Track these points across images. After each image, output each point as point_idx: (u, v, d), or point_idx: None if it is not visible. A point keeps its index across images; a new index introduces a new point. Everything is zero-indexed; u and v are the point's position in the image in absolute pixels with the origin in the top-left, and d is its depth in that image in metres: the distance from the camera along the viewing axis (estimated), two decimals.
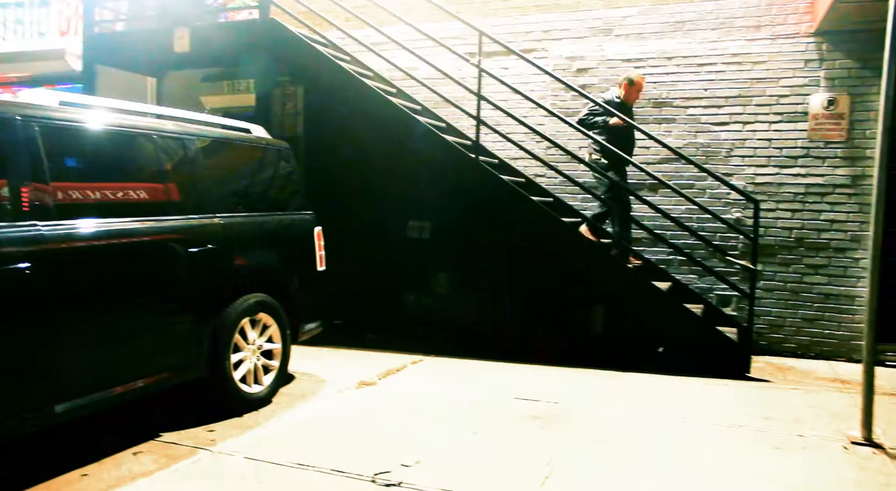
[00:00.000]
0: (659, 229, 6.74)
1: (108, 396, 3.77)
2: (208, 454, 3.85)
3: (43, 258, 3.38)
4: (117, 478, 3.52)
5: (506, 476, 3.60)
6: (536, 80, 7.61)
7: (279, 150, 5.40)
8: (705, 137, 7.02)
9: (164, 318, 4.13)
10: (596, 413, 4.70)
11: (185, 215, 4.31)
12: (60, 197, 3.57)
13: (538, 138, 7.08)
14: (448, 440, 4.12)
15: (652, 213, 6.61)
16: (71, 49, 9.29)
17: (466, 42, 7.73)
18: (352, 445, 4.01)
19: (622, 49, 7.35)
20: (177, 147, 4.43)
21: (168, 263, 4.19)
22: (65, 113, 3.79)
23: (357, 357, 6.24)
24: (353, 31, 7.48)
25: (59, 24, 9.94)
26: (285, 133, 7.37)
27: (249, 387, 4.63)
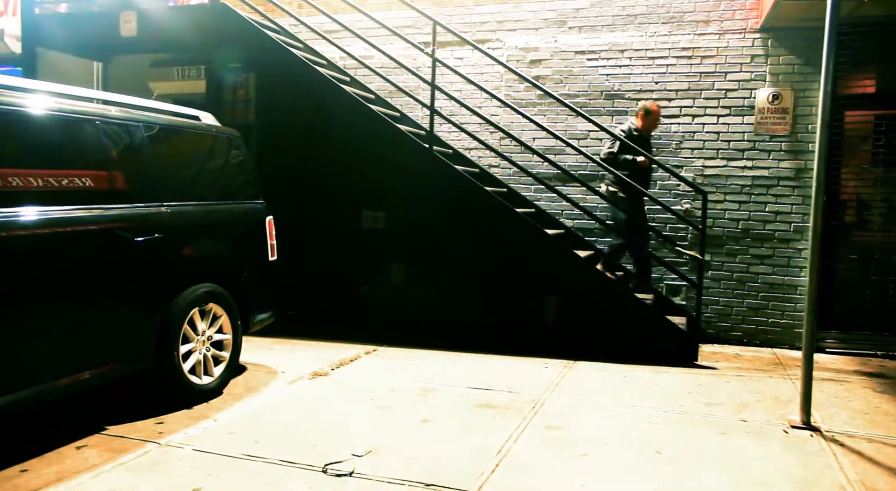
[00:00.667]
0: (611, 220, 6.85)
1: (52, 388, 3.68)
2: (156, 447, 3.78)
3: None
4: (57, 473, 3.43)
5: (457, 464, 3.63)
6: (491, 71, 7.63)
7: (229, 137, 5.31)
8: (656, 130, 7.13)
9: (110, 308, 4.03)
10: (548, 401, 4.77)
11: (131, 204, 4.21)
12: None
13: (492, 129, 7.11)
14: (401, 429, 4.13)
15: (604, 204, 6.71)
16: (10, 30, 8.92)
17: (421, 31, 7.71)
18: (304, 435, 3.99)
19: (575, 41, 7.41)
20: (122, 134, 4.31)
21: (114, 252, 4.08)
22: (1, 96, 3.65)
23: (310, 348, 6.19)
24: (306, 19, 7.38)
25: None
26: (237, 121, 7.23)
27: (199, 378, 4.56)
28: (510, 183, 7.41)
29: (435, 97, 6.68)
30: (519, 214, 6.41)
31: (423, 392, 4.91)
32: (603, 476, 3.54)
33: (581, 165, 7.13)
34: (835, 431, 4.29)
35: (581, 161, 7.01)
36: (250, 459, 3.63)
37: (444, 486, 3.37)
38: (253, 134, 7.46)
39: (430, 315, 7.04)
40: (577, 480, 3.47)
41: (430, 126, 6.66)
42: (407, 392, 4.90)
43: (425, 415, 4.42)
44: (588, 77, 7.37)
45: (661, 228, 6.95)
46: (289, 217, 5.91)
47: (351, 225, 7.55)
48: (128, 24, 7.29)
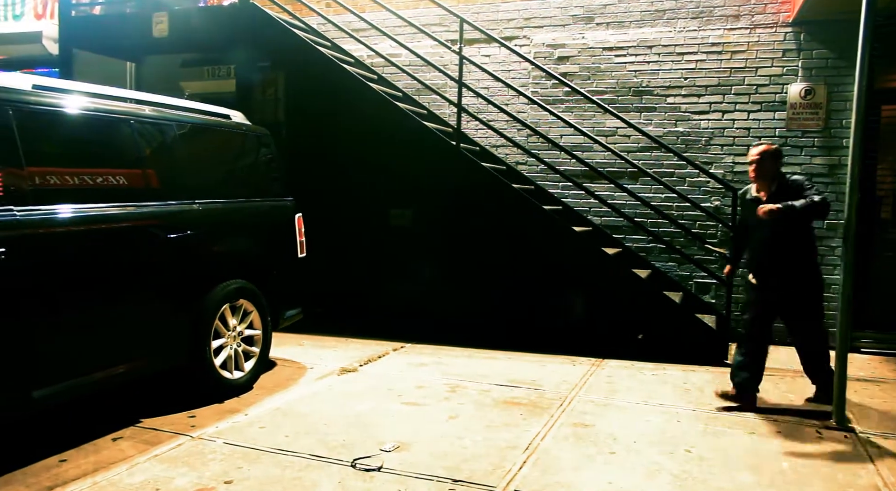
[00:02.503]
0: (639, 217, 6.80)
1: (88, 381, 3.76)
2: (188, 440, 3.85)
3: (18, 243, 3.35)
4: (95, 463, 3.51)
5: (484, 461, 3.64)
6: (518, 68, 7.61)
7: (259, 136, 5.37)
8: (685, 126, 7.06)
9: (143, 304, 4.11)
10: (575, 399, 4.75)
11: (163, 201, 4.28)
12: (37, 182, 3.53)
13: (519, 126, 7.10)
14: (428, 426, 4.15)
15: (632, 201, 6.66)
16: (48, 32, 9.14)
17: (448, 29, 7.72)
18: (332, 430, 4.03)
19: (603, 37, 7.36)
20: (155, 132, 4.40)
21: (147, 248, 4.16)
22: (39, 97, 3.74)
23: (338, 344, 6.24)
24: (333, 17, 7.43)
25: (35, 7, 9.76)
26: (266, 119, 7.31)
27: (230, 373, 4.63)
28: (537, 180, 7.39)
29: (462, 95, 6.69)
30: (546, 211, 6.39)
31: (450, 389, 4.93)
32: (631, 474, 3.52)
33: (609, 162, 7.08)
34: (870, 433, 4.21)
35: (609, 158, 6.97)
36: (280, 453, 3.68)
37: (472, 482, 3.38)
38: (282, 132, 7.53)
39: (457, 312, 7.05)
40: (605, 478, 3.46)
41: (458, 123, 6.67)
42: (434, 389, 4.92)
43: (452, 411, 4.43)
44: (616, 73, 7.31)
45: (691, 226, 6.87)
46: (317, 215, 5.96)
47: (378, 222, 7.59)
48: (159, 24, 7.41)
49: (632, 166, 6.57)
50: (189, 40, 7.39)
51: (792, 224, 4.44)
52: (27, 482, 3.28)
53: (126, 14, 7.92)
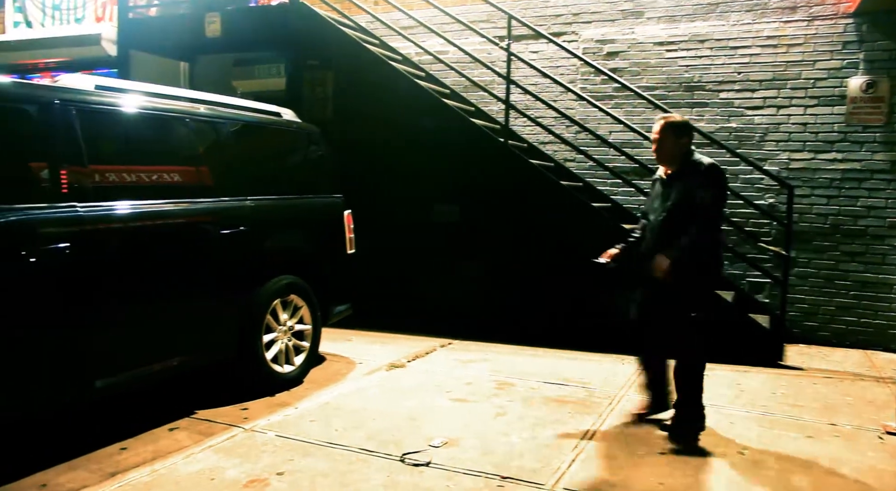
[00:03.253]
0: None
1: (146, 372, 3.87)
2: (241, 432, 3.92)
3: (81, 238, 3.46)
4: (153, 452, 3.61)
5: (533, 458, 3.62)
6: (566, 64, 7.56)
7: (309, 133, 5.44)
8: (738, 122, 6.91)
9: (197, 298, 4.21)
10: (624, 398, 4.70)
11: (217, 198, 4.37)
12: (97, 179, 3.64)
13: (568, 122, 7.05)
14: (476, 422, 4.15)
15: None
16: (106, 34, 9.43)
17: (496, 26, 7.70)
18: (381, 425, 4.06)
19: (653, 32, 7.25)
20: (209, 130, 4.49)
21: (201, 244, 4.25)
22: (101, 97, 3.86)
23: (386, 340, 6.29)
24: (381, 15, 7.50)
25: (95, 10, 10.08)
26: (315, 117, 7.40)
27: (281, 367, 4.70)
28: (586, 177, 7.32)
29: (510, 91, 6.67)
30: (594, 208, 6.33)
31: (498, 385, 4.92)
32: (683, 475, 3.46)
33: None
34: None
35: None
36: (330, 446, 3.72)
37: (521, 479, 3.37)
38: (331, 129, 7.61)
39: (503, 309, 7.03)
40: (657, 479, 3.41)
41: (506, 120, 6.65)
42: (482, 385, 4.92)
43: (500, 408, 4.43)
44: (666, 68, 7.20)
45: (743, 224, 6.72)
46: (364, 211, 6.01)
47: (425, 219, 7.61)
48: (212, 24, 7.57)
49: None
50: (240, 40, 7.54)
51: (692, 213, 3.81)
52: (91, 468, 3.39)
53: (180, 15, 8.12)
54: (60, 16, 10.40)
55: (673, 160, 3.98)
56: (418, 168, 6.97)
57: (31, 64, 10.24)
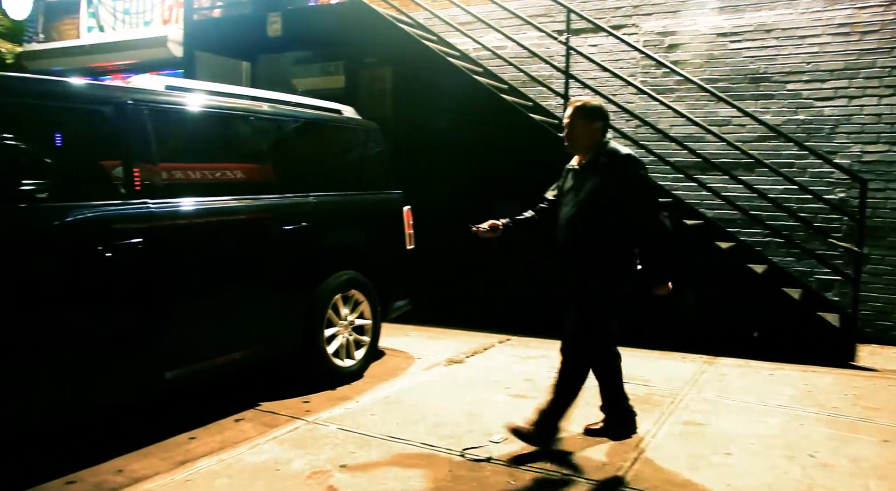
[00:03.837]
0: (755, 210, 6.49)
1: (211, 365, 3.98)
2: (304, 424, 4.00)
3: (153, 234, 3.58)
4: (221, 442, 3.72)
5: (594, 455, 3.59)
6: (626, 57, 7.43)
7: (369, 130, 5.50)
8: (806, 113, 6.68)
9: (261, 292, 4.30)
10: (687, 396, 4.61)
11: (280, 194, 4.46)
12: (167, 176, 3.76)
13: (628, 117, 6.93)
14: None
15: (747, 193, 6.37)
16: (172, 36, 9.72)
17: (554, 20, 7.63)
18: (441, 420, 4.08)
19: (717, 23, 7.06)
20: (273, 128, 4.59)
21: (265, 239, 4.35)
22: (171, 97, 3.98)
23: (445, 335, 6.32)
24: (439, 12, 7.51)
25: (162, 13, 10.41)
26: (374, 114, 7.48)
27: (342, 361, 4.77)
28: None
29: (569, 86, 6.60)
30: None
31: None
32: (749, 477, 3.37)
33: (722, 153, 6.80)
34: None
35: (722, 148, 6.69)
36: (391, 440, 3.77)
37: (583, 476, 3.34)
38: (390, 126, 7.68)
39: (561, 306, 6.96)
40: (721, 480, 3.33)
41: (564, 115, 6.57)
42: (541, 381, 4.89)
43: None
44: (730, 60, 7.01)
45: (812, 219, 6.50)
46: (424, 208, 6.04)
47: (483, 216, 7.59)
48: (273, 24, 7.72)
49: (747, 157, 6.27)
50: (301, 38, 7.67)
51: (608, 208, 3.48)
52: (162, 456, 3.52)
53: (243, 16, 8.31)
54: (130, 20, 10.78)
55: (585, 148, 3.61)
56: (476, 164, 6.96)
57: (102, 67, 10.66)
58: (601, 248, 3.52)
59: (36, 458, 3.50)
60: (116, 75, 10.39)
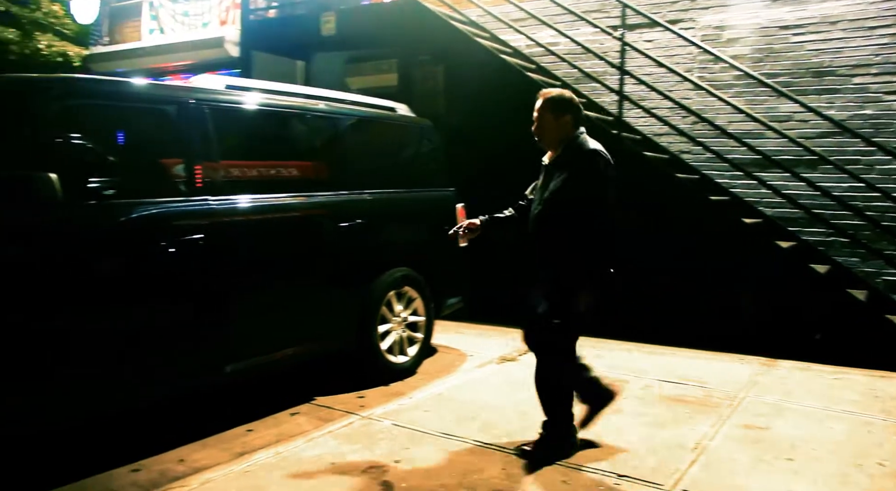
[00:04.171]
0: (817, 209, 6.29)
1: (269, 360, 4.06)
2: (358, 419, 4.04)
3: (213, 230, 3.67)
4: (277, 435, 3.78)
5: (650, 457, 3.53)
6: (682, 52, 7.29)
7: (422, 127, 5.52)
8: (874, 108, 6.43)
9: (316, 288, 4.36)
10: (746, 399, 4.49)
11: (336, 191, 4.52)
12: (227, 174, 3.84)
13: (684, 113, 6.80)
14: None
15: (810, 190, 6.18)
16: (229, 37, 9.94)
17: (608, 15, 7.53)
18: (494, 417, 4.08)
19: (778, 15, 6.86)
20: (329, 126, 4.65)
21: (320, 236, 4.41)
22: (231, 96, 4.07)
23: (497, 333, 6.30)
24: (492, 9, 7.48)
25: (220, 15, 10.65)
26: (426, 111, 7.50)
27: (395, 357, 4.80)
28: (703, 169, 7.04)
29: (624, 82, 6.50)
30: (712, 202, 6.09)
31: (612, 382, 4.81)
32: (813, 484, 3.27)
33: (783, 149, 6.60)
34: None
35: (783, 145, 6.49)
36: (444, 437, 3.78)
37: (638, 478, 3.29)
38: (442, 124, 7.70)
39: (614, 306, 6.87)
40: (785, 486, 3.24)
41: (619, 112, 6.50)
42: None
43: (615, 405, 4.30)
44: (792, 54, 6.80)
45: (879, 218, 6.25)
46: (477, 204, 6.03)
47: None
48: (327, 24, 7.81)
49: (810, 153, 6.08)
50: (354, 37, 7.74)
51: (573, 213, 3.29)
52: (221, 447, 3.60)
53: (298, 15, 8.43)
54: (188, 21, 11.05)
55: (554, 143, 3.45)
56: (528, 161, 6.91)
57: (162, 67, 10.96)
58: (567, 247, 3.31)
59: (104, 446, 3.62)
60: (175, 76, 10.68)
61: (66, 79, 3.51)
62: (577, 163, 3.33)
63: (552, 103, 3.44)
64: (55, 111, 3.17)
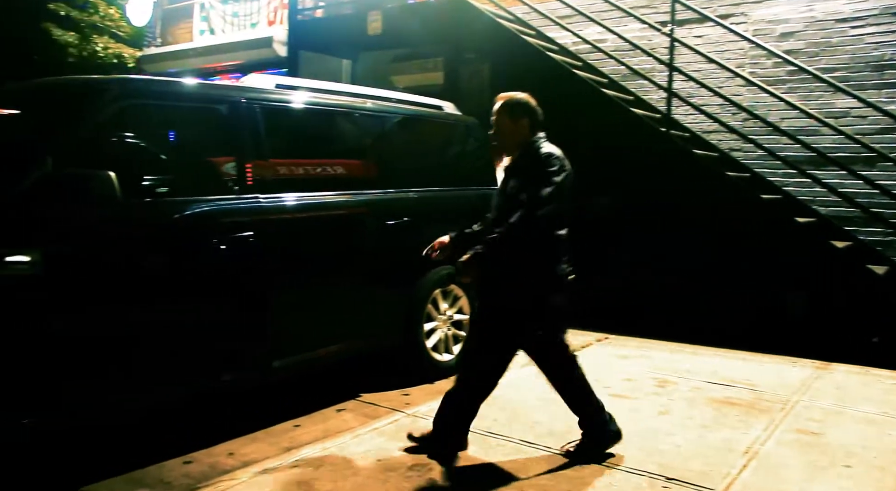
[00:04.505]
0: (875, 207, 6.09)
1: (314, 356, 4.11)
2: (404, 416, 4.06)
3: (263, 228, 3.71)
4: (324, 430, 3.83)
5: (699, 461, 3.47)
6: (733, 48, 7.13)
7: (469, 125, 5.51)
8: None
9: (363, 286, 4.39)
10: (799, 404, 4.38)
11: (383, 189, 4.54)
12: (276, 172, 3.90)
13: (734, 110, 6.66)
14: (638, 420, 4.03)
15: (868, 189, 5.98)
16: (277, 37, 10.09)
17: (657, 10, 7.42)
18: (539, 417, 4.05)
19: (835, 8, 6.65)
20: (376, 124, 4.68)
21: (367, 234, 4.44)
22: (281, 95, 4.12)
23: None
24: (538, 6, 7.43)
25: (268, 15, 10.82)
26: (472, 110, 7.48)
27: (440, 355, 4.81)
28: (754, 167, 6.88)
29: (672, 78, 6.39)
30: (763, 201, 5.95)
31: (658, 383, 4.75)
32: None
33: (839, 147, 6.40)
34: None
35: (839, 142, 6.30)
36: (489, 436, 3.77)
37: (687, 482, 3.24)
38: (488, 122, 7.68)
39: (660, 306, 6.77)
40: None
41: (668, 109, 6.39)
42: (642, 382, 4.78)
43: (662, 407, 4.28)
44: (850, 47, 6.60)
45: None
46: None
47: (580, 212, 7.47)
48: (374, 23, 7.87)
49: (868, 150, 5.88)
50: (400, 36, 7.77)
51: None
52: (269, 441, 3.66)
53: (344, 15, 8.51)
54: (238, 22, 11.26)
55: (511, 147, 3.39)
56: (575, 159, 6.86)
57: (211, 67, 11.19)
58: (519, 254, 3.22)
59: (157, 438, 3.71)
60: (224, 75, 10.89)
61: (124, 80, 3.61)
62: (531, 167, 3.25)
63: (508, 107, 3.41)
64: (114, 111, 3.26)
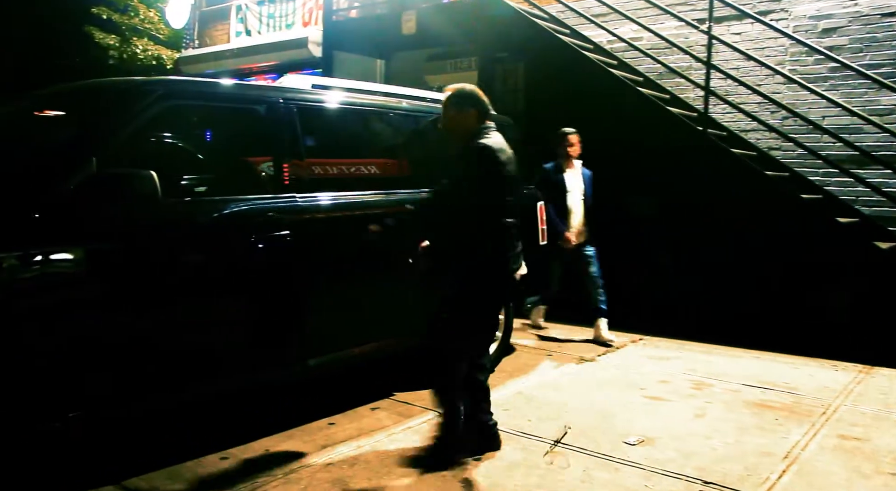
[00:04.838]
0: None
1: (348, 355, 4.11)
2: (437, 415, 4.03)
3: (299, 227, 3.74)
4: (358, 429, 3.85)
5: (737, 465, 3.41)
6: (773, 45, 7.00)
7: (503, 125, 5.41)
8: None
9: (395, 285, 4.37)
10: (841, 408, 4.28)
11: (416, 189, 4.55)
12: (313, 171, 3.92)
13: (773, 108, 6.53)
14: (673, 422, 3.99)
15: None
16: (312, 38, 10.18)
17: (694, 8, 7.32)
18: (572, 419, 4.02)
19: (882, 2, 6.48)
20: (410, 124, 4.69)
21: (402, 233, 4.44)
22: (317, 95, 4.15)
23: (575, 333, 6.21)
24: (573, 4, 7.38)
25: (303, 16, 10.92)
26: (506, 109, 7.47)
27: None
28: (794, 166, 6.74)
29: (710, 76, 6.29)
30: (803, 201, 5.83)
31: (695, 385, 4.69)
32: None
33: (884, 145, 6.25)
34: None
35: (884, 140, 6.14)
36: (524, 436, 3.75)
37: (725, 486, 3.19)
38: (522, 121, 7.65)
39: (695, 306, 6.68)
40: None
41: (704, 108, 6.30)
42: (677, 384, 4.72)
43: (699, 409, 4.22)
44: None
45: None
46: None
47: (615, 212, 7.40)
48: (408, 22, 7.89)
49: None
50: (434, 35, 7.78)
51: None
52: (304, 439, 3.69)
53: (378, 15, 8.55)
54: (274, 23, 11.39)
55: (460, 138, 3.44)
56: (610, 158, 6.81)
57: (248, 68, 11.33)
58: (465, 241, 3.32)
59: (194, 434, 3.77)
60: (260, 76, 11.02)
61: (168, 81, 3.65)
62: (465, 157, 3.34)
63: (454, 98, 3.46)
64: (158, 112, 3.31)
